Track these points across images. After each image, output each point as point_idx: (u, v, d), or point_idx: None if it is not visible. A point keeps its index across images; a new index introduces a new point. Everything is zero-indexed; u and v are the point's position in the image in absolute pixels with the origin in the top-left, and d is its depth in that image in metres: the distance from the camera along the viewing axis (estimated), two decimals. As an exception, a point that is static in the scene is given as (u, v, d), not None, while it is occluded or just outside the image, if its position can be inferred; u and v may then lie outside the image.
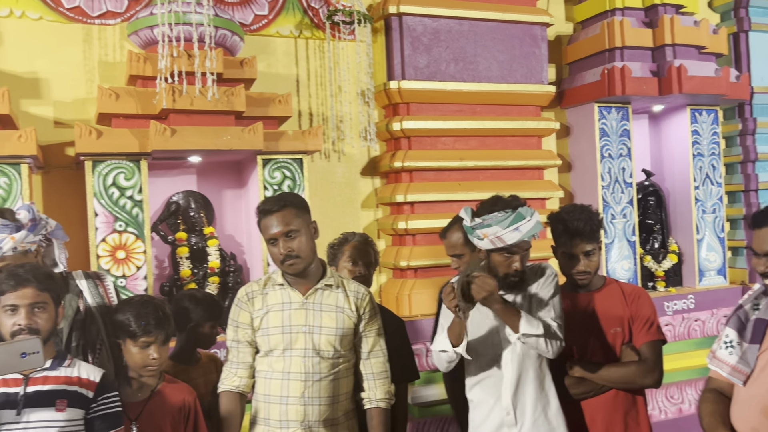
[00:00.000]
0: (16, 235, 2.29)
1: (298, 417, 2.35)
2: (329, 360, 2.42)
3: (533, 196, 5.02)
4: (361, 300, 2.53)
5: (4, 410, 2.01)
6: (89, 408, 2.13)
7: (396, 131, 4.68)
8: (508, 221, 2.42)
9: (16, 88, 3.92)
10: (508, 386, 2.54)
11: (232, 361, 2.47)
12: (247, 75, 4.14)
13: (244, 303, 2.47)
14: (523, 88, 5.03)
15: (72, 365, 2.16)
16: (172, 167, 4.32)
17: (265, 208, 2.42)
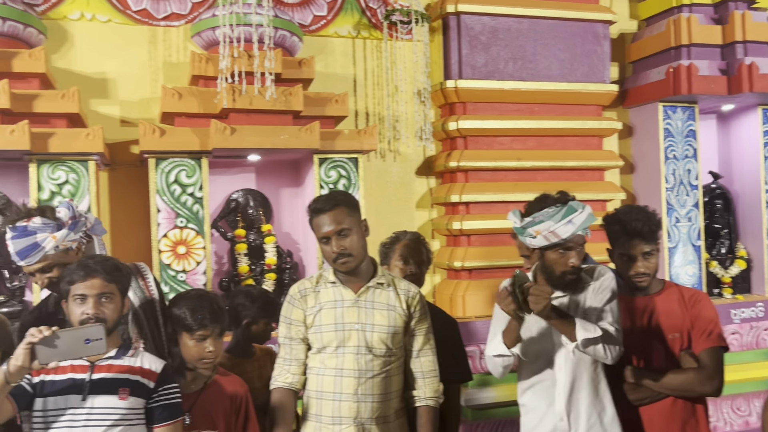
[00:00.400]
0: (57, 234, 2.33)
1: (351, 414, 2.36)
2: (381, 357, 2.42)
3: (593, 198, 4.90)
4: (411, 299, 2.52)
5: (70, 395, 2.10)
6: (150, 397, 2.18)
7: (452, 131, 4.65)
8: (560, 215, 2.38)
9: (85, 88, 4.09)
10: (562, 391, 2.48)
11: (284, 358, 2.47)
12: (305, 75, 4.20)
13: (297, 300, 2.48)
14: (584, 87, 4.92)
15: (135, 355, 2.22)
16: (233, 166, 4.42)
17: (317, 207, 2.43)
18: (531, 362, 2.54)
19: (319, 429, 2.39)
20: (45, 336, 1.88)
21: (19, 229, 2.31)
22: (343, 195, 2.49)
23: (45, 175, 3.64)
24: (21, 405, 2.07)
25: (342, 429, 2.35)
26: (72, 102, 3.67)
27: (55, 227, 2.34)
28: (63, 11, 4.18)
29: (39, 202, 3.62)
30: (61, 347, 1.90)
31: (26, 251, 2.30)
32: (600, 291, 2.51)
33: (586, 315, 2.47)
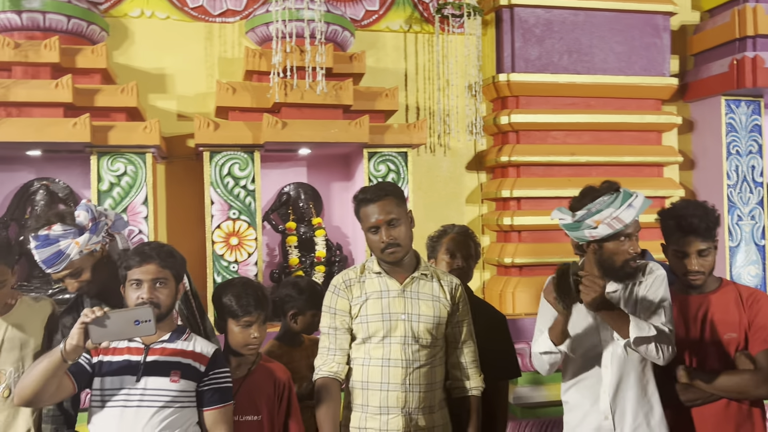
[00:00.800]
0: (79, 240, 2.35)
1: (399, 404, 2.36)
2: (427, 348, 2.42)
3: (651, 195, 4.75)
4: (454, 290, 2.52)
5: (126, 375, 2.17)
6: (201, 381, 2.23)
7: (504, 125, 4.60)
8: (618, 201, 2.32)
9: (144, 83, 4.23)
10: (607, 389, 2.42)
11: (329, 348, 2.46)
12: (356, 69, 4.23)
13: (342, 290, 2.47)
14: (643, 81, 4.79)
15: (189, 339, 2.28)
16: (285, 159, 4.49)
17: (366, 197, 2.43)
18: (576, 359, 2.49)
19: (365, 419, 2.40)
20: (97, 316, 1.96)
21: (41, 238, 2.33)
22: (391, 186, 2.49)
23: (105, 167, 3.77)
24: (81, 383, 2.16)
25: (389, 419, 2.36)
26: (131, 96, 3.80)
27: (76, 233, 2.36)
28: (124, 9, 4.32)
29: (99, 194, 3.76)
30: (112, 327, 1.97)
31: (51, 260, 2.32)
32: (652, 288, 2.43)
33: (638, 312, 2.41)
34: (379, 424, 2.36)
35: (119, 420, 2.12)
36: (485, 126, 4.76)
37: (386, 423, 2.35)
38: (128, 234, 3.78)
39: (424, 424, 2.38)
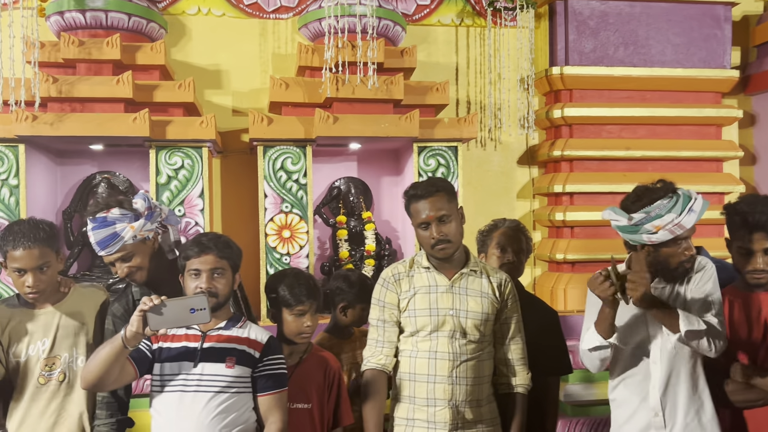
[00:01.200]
0: (135, 224, 2.42)
1: (446, 396, 2.36)
2: (475, 343, 2.42)
3: (710, 191, 4.63)
4: (503, 286, 2.51)
5: (184, 361, 2.24)
6: (256, 367, 2.28)
7: (556, 119, 4.54)
8: (680, 205, 2.26)
9: (200, 79, 4.33)
10: (657, 385, 2.37)
11: (377, 340, 2.48)
12: (407, 64, 4.24)
13: (391, 284, 2.48)
14: (702, 73, 4.65)
15: (244, 326, 2.34)
16: (336, 154, 4.53)
17: (417, 193, 2.42)
18: (624, 355, 2.44)
19: (413, 410, 2.41)
20: (155, 304, 2.03)
21: (99, 220, 2.42)
22: (443, 181, 2.49)
23: (163, 161, 3.89)
24: (142, 369, 2.24)
25: (437, 411, 2.37)
26: (188, 92, 3.90)
27: (132, 218, 2.44)
28: (182, 6, 4.44)
29: (157, 187, 3.87)
30: (169, 315, 2.04)
31: (106, 241, 2.40)
32: (702, 282, 2.38)
33: (688, 307, 2.35)
34: (426, 416, 2.38)
35: (178, 404, 2.19)
36: (537, 120, 4.70)
37: (433, 415, 2.37)
38: (185, 226, 3.90)
39: (472, 417, 2.39)
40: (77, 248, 4.07)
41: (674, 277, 2.40)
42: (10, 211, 3.75)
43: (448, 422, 2.35)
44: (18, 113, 3.59)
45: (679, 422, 2.36)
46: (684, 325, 2.22)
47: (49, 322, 2.52)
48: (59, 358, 2.52)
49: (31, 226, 2.44)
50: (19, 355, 2.49)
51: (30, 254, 2.39)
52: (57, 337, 2.52)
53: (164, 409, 2.22)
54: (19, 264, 2.38)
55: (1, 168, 3.76)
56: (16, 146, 3.75)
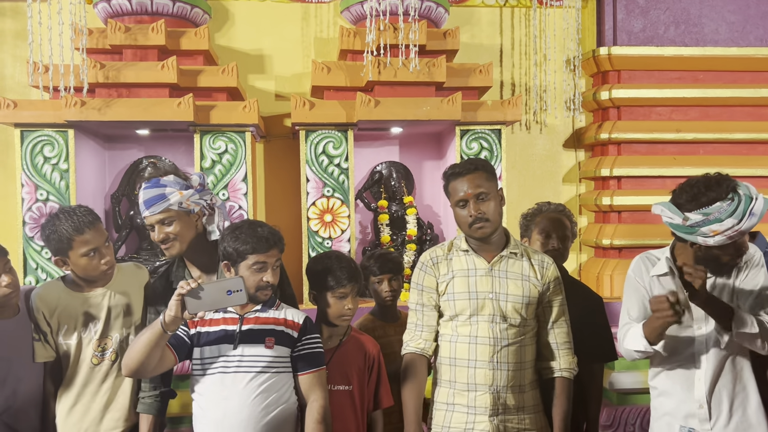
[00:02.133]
0: (184, 192, 2.45)
1: (487, 381, 2.32)
2: (516, 327, 2.37)
3: (765, 174, 4.47)
4: (546, 269, 2.44)
5: (223, 344, 2.27)
6: (294, 347, 2.31)
7: (604, 101, 4.42)
8: (741, 209, 2.11)
9: (243, 63, 4.36)
10: (703, 376, 2.29)
11: (416, 324, 2.46)
12: (449, 46, 4.17)
13: (429, 267, 2.45)
14: (758, 52, 4.47)
15: (279, 308, 2.36)
16: (377, 138, 4.51)
17: (455, 171, 2.39)
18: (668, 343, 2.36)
19: (453, 395, 2.39)
20: (192, 288, 2.04)
21: (153, 182, 2.47)
22: (482, 161, 2.43)
23: (207, 145, 3.93)
24: (181, 355, 2.27)
25: (477, 396, 2.34)
26: (231, 77, 3.93)
27: (184, 186, 2.48)
28: (227, -9, 4.47)
29: (201, 171, 3.92)
30: (206, 298, 2.05)
31: (153, 200, 2.43)
32: (751, 274, 2.27)
33: (736, 298, 2.26)
34: (467, 401, 2.35)
35: (220, 385, 2.22)
36: (584, 102, 4.59)
37: (474, 400, 2.34)
38: (229, 210, 3.94)
39: (514, 402, 2.35)
40: (125, 231, 4.16)
41: (723, 272, 2.31)
42: (60, 195, 3.85)
43: (488, 407, 2.32)
44: (67, 99, 3.67)
45: (724, 415, 2.28)
46: (737, 325, 2.13)
47: (99, 304, 2.59)
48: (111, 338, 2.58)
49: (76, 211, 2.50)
50: (70, 338, 2.55)
51: (96, 231, 2.48)
52: (108, 318, 2.58)
53: (206, 390, 2.25)
54: (91, 245, 2.45)
55: (52, 153, 3.86)
56: (66, 131, 3.85)
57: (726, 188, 2.14)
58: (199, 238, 2.53)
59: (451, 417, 2.37)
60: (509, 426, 2.33)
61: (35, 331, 2.53)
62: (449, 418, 2.38)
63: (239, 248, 2.29)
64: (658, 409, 2.44)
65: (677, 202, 2.21)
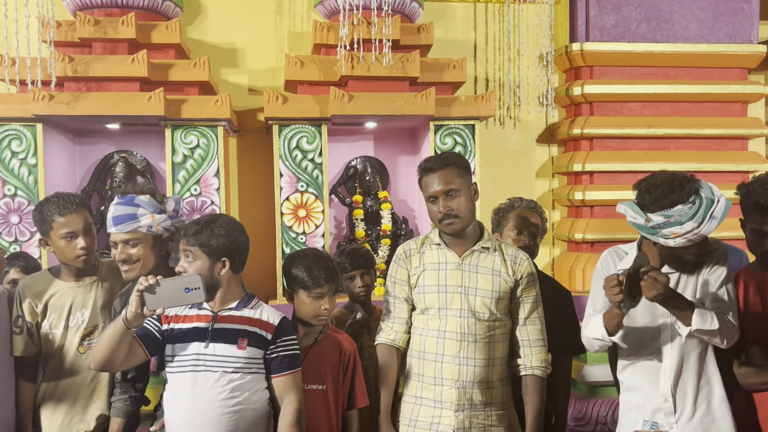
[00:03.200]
0: (157, 216, 2.44)
1: (453, 376, 2.34)
2: (485, 322, 2.37)
3: (734, 170, 4.54)
4: (519, 265, 2.44)
5: (195, 341, 2.24)
6: (268, 348, 2.27)
7: (576, 96, 4.46)
8: (701, 212, 2.13)
9: (216, 57, 4.32)
10: (668, 371, 2.32)
11: (389, 316, 2.50)
12: (423, 41, 4.17)
13: (402, 260, 2.48)
14: (727, 49, 4.53)
15: (255, 307, 2.31)
16: (352, 133, 4.50)
17: (428, 166, 2.39)
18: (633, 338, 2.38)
19: (421, 389, 2.41)
20: (149, 284, 2.03)
21: (127, 198, 2.43)
22: (455, 156, 2.45)
23: (179, 140, 3.89)
24: (152, 350, 2.25)
25: (444, 390, 2.36)
26: (203, 71, 3.89)
27: (157, 209, 2.45)
28: (197, -15, 4.42)
29: (173, 165, 3.88)
30: (164, 295, 2.04)
31: (122, 218, 2.40)
32: (715, 270, 2.31)
33: (700, 295, 2.30)
34: (434, 395, 2.37)
35: (190, 383, 2.20)
36: (557, 97, 4.62)
37: (440, 394, 2.35)
38: (201, 205, 3.91)
39: (481, 398, 2.36)
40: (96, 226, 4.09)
41: (687, 268, 2.33)
42: (29, 190, 3.79)
43: (454, 402, 2.34)
44: (35, 92, 3.61)
45: (688, 408, 2.32)
46: (697, 323, 2.17)
47: (87, 293, 2.60)
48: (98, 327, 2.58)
49: (65, 195, 2.55)
50: (57, 327, 2.57)
51: (78, 215, 2.50)
52: (95, 307, 2.59)
53: (178, 387, 2.24)
54: (70, 228, 2.48)
55: (20, 147, 3.79)
56: (34, 126, 3.78)
57: (688, 191, 2.15)
58: (161, 263, 2.49)
59: (419, 411, 2.40)
60: (475, 422, 2.35)
61: (15, 324, 2.55)
62: (417, 412, 2.40)
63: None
64: (626, 403, 2.47)
65: (641, 203, 2.23)
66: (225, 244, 2.26)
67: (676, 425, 2.33)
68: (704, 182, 2.21)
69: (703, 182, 2.21)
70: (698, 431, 2.31)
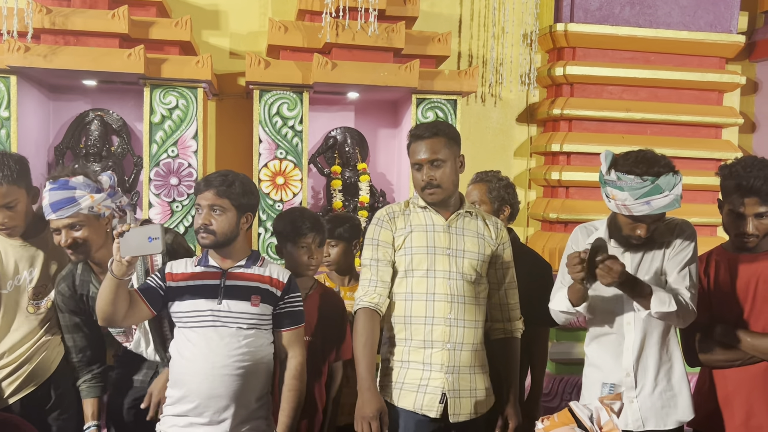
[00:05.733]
0: (96, 196, 2.38)
1: (443, 338, 2.34)
2: (472, 284, 2.39)
3: (707, 157, 4.62)
4: (499, 230, 2.51)
5: (206, 298, 2.27)
6: (276, 305, 2.34)
7: (558, 77, 4.48)
8: (641, 192, 2.18)
9: (198, 18, 4.23)
10: (630, 347, 2.39)
11: (370, 279, 2.41)
12: (409, 13, 4.15)
13: (386, 222, 2.44)
14: (707, 37, 4.59)
15: (264, 265, 2.36)
16: (333, 103, 4.47)
17: (417, 133, 2.40)
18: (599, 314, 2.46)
19: (408, 352, 2.38)
20: (123, 230, 2.07)
21: (61, 182, 2.36)
22: (446, 125, 2.44)
23: (157, 99, 3.83)
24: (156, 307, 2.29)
25: (433, 352, 2.35)
26: (184, 30, 3.82)
27: (95, 189, 2.40)
28: (181, -57, 4.32)
29: (151, 126, 3.82)
30: (132, 242, 2.07)
31: (61, 204, 2.34)
32: (680, 250, 2.37)
33: (663, 275, 2.37)
34: (422, 357, 2.36)
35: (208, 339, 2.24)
36: (539, 77, 4.65)
37: (429, 356, 2.35)
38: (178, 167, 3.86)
39: (468, 361, 2.38)
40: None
41: (627, 245, 2.39)
42: (1, 144, 3.70)
43: (444, 364, 2.34)
44: (10, 43, 3.51)
45: (649, 383, 2.39)
46: (655, 305, 2.23)
47: (34, 253, 2.53)
48: (47, 286, 2.53)
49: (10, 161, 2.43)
50: (4, 287, 2.50)
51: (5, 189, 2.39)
52: (44, 266, 2.53)
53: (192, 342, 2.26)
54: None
55: (-8, 99, 3.69)
56: (8, 77, 3.68)
57: (654, 171, 2.20)
58: (108, 242, 2.44)
59: (405, 373, 2.38)
60: (462, 384, 2.37)
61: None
62: (404, 375, 2.38)
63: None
64: (589, 377, 2.54)
65: (617, 157, 2.30)
66: (252, 199, 2.34)
67: (637, 399, 2.40)
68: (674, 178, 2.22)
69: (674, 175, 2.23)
70: (657, 405, 2.39)
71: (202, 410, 2.23)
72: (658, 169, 2.21)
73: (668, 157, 2.30)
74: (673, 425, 2.41)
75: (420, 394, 2.33)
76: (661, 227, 2.39)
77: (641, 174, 2.20)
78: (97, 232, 2.42)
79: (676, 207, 2.23)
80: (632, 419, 2.39)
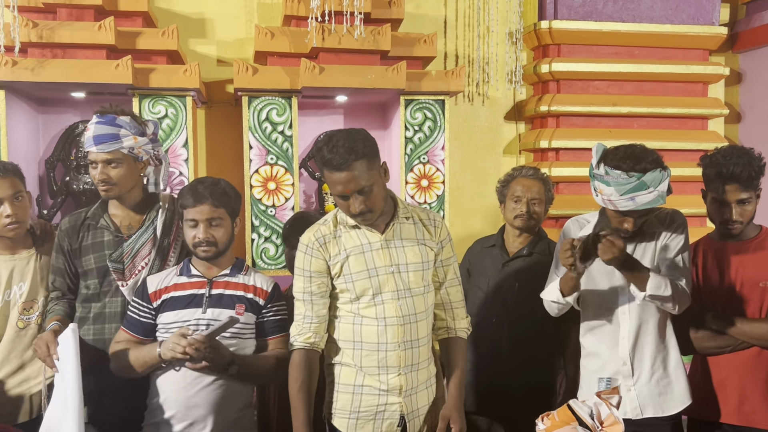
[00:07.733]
0: (139, 138, 2.40)
1: (399, 363, 2.21)
2: (421, 296, 2.24)
3: (694, 148, 4.66)
4: (437, 227, 2.31)
5: (192, 308, 2.28)
6: (260, 313, 2.35)
7: (544, 74, 4.52)
8: (626, 188, 2.21)
9: (184, 27, 4.25)
10: (626, 336, 2.43)
11: (305, 315, 2.22)
12: (394, 15, 4.18)
13: (316, 250, 2.20)
14: (690, 30, 4.63)
15: (248, 274, 2.37)
16: (322, 107, 4.49)
17: (333, 164, 2.05)
18: (594, 304, 2.49)
19: (362, 377, 2.24)
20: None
21: (108, 118, 2.38)
22: (361, 143, 2.08)
23: (146, 109, 3.84)
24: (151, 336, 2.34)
25: (389, 378, 2.21)
26: (171, 40, 3.84)
27: (139, 131, 2.43)
28: (165, -48, 4.33)
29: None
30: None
31: (105, 138, 2.35)
32: (672, 239, 2.41)
33: (656, 264, 2.40)
34: (378, 384, 2.22)
35: None
36: (525, 75, 4.68)
37: (386, 381, 2.22)
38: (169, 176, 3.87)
39: (425, 377, 2.29)
40: (61, 197, 4.04)
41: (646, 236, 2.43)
42: (-9, 159, 3.70)
43: (402, 387, 2.23)
44: (-3, 58, 3.52)
45: (645, 371, 2.43)
46: (651, 288, 2.26)
47: (24, 267, 2.53)
48: (36, 301, 2.53)
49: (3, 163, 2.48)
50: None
51: (3, 183, 2.42)
52: (33, 281, 2.53)
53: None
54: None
55: (-19, 114, 3.70)
56: (-4, 93, 3.69)
57: (640, 167, 2.22)
58: (137, 187, 2.48)
59: (359, 400, 2.24)
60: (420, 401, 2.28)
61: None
62: (358, 401, 2.24)
63: (178, 206, 2.33)
64: (587, 368, 2.57)
65: (608, 151, 2.33)
66: (240, 203, 2.39)
67: (634, 387, 2.44)
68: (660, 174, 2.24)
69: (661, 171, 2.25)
70: (654, 393, 2.42)
71: (180, 419, 2.23)
72: (645, 165, 2.24)
73: (658, 153, 2.32)
74: (671, 412, 2.45)
75: (378, 421, 2.22)
76: (651, 218, 2.43)
77: (627, 170, 2.23)
78: (132, 173, 2.43)
79: (660, 203, 2.26)
80: (630, 407, 2.42)
